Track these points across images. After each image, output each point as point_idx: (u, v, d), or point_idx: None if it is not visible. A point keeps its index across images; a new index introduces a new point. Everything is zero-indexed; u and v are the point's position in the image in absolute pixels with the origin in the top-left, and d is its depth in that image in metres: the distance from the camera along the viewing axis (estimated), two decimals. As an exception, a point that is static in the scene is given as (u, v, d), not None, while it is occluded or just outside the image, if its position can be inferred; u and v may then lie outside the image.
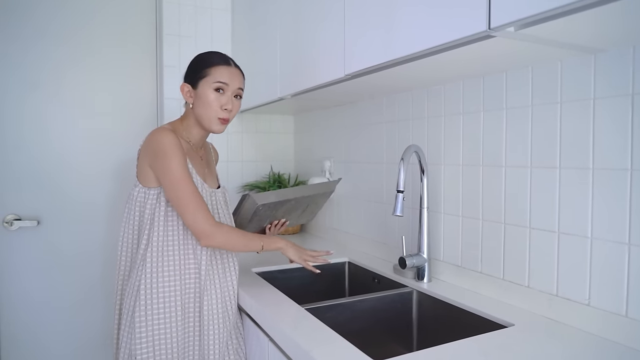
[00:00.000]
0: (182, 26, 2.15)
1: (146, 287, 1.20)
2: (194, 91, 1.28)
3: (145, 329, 1.20)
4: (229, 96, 1.28)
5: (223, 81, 1.26)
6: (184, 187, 1.18)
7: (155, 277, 1.21)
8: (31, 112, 1.97)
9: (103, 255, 2.10)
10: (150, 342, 1.20)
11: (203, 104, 1.26)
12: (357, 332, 1.29)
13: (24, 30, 1.94)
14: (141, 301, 1.20)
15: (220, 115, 1.27)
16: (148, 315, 1.20)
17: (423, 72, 1.24)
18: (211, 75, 1.26)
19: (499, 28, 0.81)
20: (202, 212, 1.18)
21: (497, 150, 1.24)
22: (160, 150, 1.19)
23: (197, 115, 1.29)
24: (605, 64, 0.98)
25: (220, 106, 1.27)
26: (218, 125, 1.29)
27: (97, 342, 2.09)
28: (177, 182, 1.17)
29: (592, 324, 1.00)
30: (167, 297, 1.22)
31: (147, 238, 1.23)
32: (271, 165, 2.42)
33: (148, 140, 1.24)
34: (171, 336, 1.22)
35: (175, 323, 1.22)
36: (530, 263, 1.16)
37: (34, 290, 1.98)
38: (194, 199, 1.18)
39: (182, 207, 1.18)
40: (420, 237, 1.42)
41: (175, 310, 1.23)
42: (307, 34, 1.53)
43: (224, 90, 1.27)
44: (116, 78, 2.11)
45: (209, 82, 1.26)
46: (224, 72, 1.27)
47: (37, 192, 1.98)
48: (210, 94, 1.26)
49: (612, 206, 0.97)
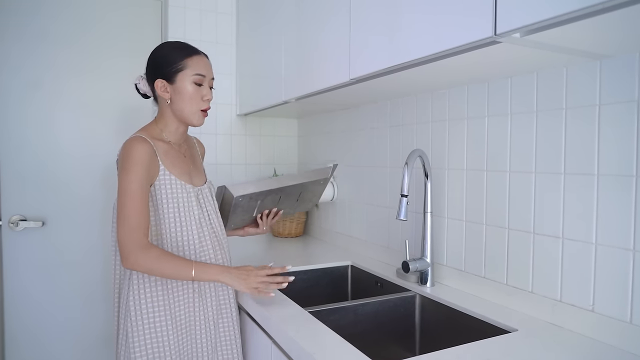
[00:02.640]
0: (187, 29, 2.17)
1: (134, 300, 1.18)
2: (170, 86, 1.23)
3: (138, 332, 1.17)
4: (207, 86, 1.25)
5: (201, 73, 1.23)
6: (130, 203, 1.12)
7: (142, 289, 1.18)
8: (35, 114, 1.98)
9: (106, 257, 2.11)
10: (143, 345, 1.18)
11: (183, 98, 1.22)
12: (360, 335, 1.29)
13: (28, 31, 1.95)
14: (131, 313, 1.18)
15: (202, 107, 1.25)
16: (138, 318, 1.17)
17: (428, 76, 1.25)
18: (189, 67, 1.22)
19: (504, 34, 0.82)
20: (137, 233, 1.11)
21: (502, 156, 1.24)
22: (124, 161, 1.15)
23: (176, 110, 1.25)
24: (610, 70, 0.98)
25: (201, 97, 1.24)
26: (200, 119, 1.26)
27: (100, 342, 2.10)
28: (124, 195, 1.12)
29: (596, 330, 1.00)
30: (155, 299, 1.19)
31: None
32: (274, 168, 2.43)
33: (120, 151, 1.19)
34: (168, 337, 1.19)
35: (167, 325, 1.20)
36: (534, 268, 1.16)
37: (38, 291, 1.99)
38: (135, 218, 1.12)
39: (120, 221, 1.12)
40: (423, 242, 1.42)
41: (164, 312, 1.20)
42: (311, 38, 1.54)
43: (202, 82, 1.24)
44: (121, 80, 2.12)
45: (188, 75, 1.21)
46: (200, 63, 1.24)
47: (42, 193, 1.99)
48: (189, 87, 1.22)
49: (616, 212, 0.97)
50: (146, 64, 1.28)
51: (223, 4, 2.25)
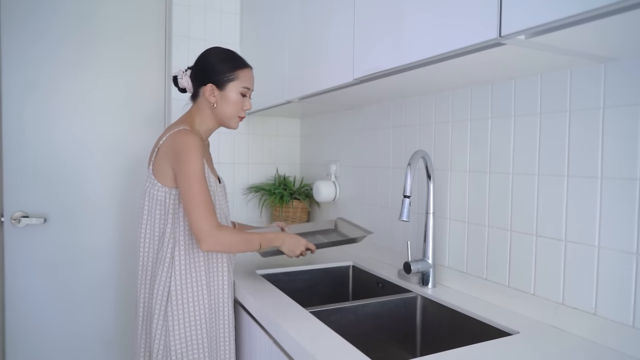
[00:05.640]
0: (191, 28, 2.16)
1: (177, 286, 1.26)
2: (219, 92, 1.33)
3: (178, 324, 1.25)
4: (249, 98, 1.38)
5: (249, 87, 1.36)
6: (197, 189, 1.20)
7: (185, 276, 1.27)
8: (35, 110, 1.97)
9: (109, 253, 2.11)
10: (183, 336, 1.26)
11: (228, 104, 1.33)
12: (360, 336, 1.29)
13: (26, 28, 1.95)
14: (172, 299, 1.25)
15: (241, 115, 1.37)
16: (180, 311, 1.26)
17: (432, 78, 1.24)
18: (240, 79, 1.33)
19: (509, 36, 0.82)
20: (211, 217, 1.20)
21: (505, 157, 1.24)
22: (184, 151, 1.21)
23: (218, 113, 1.35)
24: (615, 73, 0.98)
25: (243, 107, 1.36)
26: (237, 124, 1.38)
27: (100, 340, 2.10)
28: (193, 182, 1.20)
29: (598, 333, 1.00)
30: (196, 294, 1.28)
31: (174, 237, 1.27)
32: (277, 168, 2.43)
33: (171, 142, 1.25)
34: (202, 329, 1.28)
35: (205, 317, 1.29)
36: (536, 271, 1.15)
37: (39, 288, 1.99)
38: (204, 202, 1.20)
39: (193, 208, 1.19)
40: (425, 243, 1.42)
41: (204, 306, 1.29)
42: (315, 37, 1.54)
43: (247, 94, 1.36)
44: (123, 77, 2.12)
45: (237, 86, 1.33)
46: (249, 76, 1.36)
47: (44, 190, 2.00)
48: (236, 97, 1.33)
49: (620, 215, 0.97)
50: (196, 64, 1.37)
51: (227, 3, 2.25)
